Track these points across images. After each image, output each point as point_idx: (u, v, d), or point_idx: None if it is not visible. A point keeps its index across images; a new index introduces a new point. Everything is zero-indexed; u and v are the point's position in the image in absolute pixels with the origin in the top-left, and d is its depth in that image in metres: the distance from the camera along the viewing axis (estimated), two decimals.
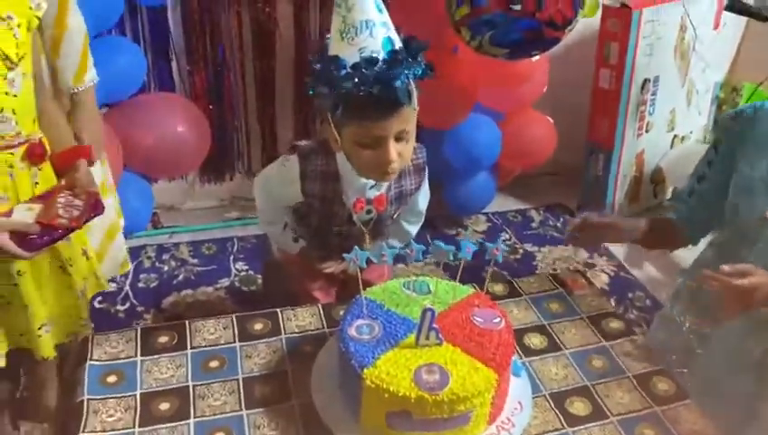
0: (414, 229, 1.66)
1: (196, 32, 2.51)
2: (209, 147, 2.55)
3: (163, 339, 1.35)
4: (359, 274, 1.25)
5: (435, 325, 1.16)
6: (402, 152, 1.28)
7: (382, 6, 1.21)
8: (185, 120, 2.43)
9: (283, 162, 1.47)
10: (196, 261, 2.62)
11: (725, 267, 1.21)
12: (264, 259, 2.14)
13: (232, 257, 2.64)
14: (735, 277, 1.19)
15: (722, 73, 3.17)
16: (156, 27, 2.47)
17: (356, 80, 1.16)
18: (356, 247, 1.22)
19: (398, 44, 1.20)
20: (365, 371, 1.10)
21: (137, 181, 2.48)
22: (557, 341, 1.40)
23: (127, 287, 2.45)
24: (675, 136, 3.07)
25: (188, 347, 1.33)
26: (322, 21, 2.65)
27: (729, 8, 2.51)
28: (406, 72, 1.17)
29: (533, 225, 3.00)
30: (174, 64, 2.56)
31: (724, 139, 1.44)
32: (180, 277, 2.52)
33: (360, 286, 1.28)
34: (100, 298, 2.33)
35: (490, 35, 1.95)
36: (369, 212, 1.46)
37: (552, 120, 2.76)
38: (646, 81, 2.75)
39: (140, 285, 2.47)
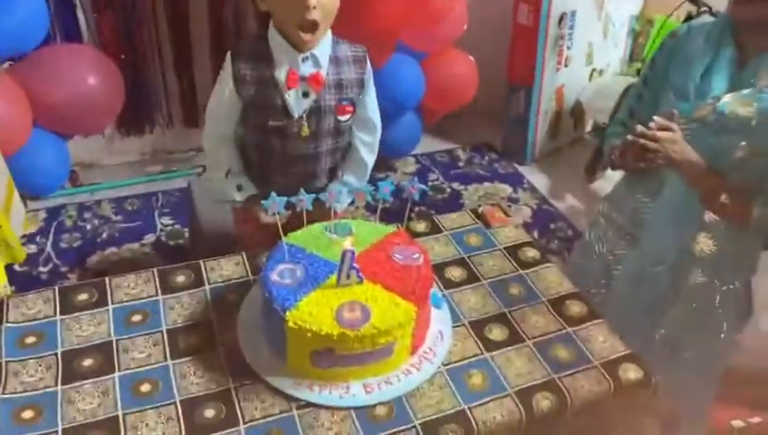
0: (371, 159, 1.60)
1: None
2: (124, 99, 2.46)
3: (83, 297, 1.33)
4: (277, 218, 1.25)
5: (355, 265, 1.18)
6: (324, 3, 1.30)
7: None
8: (96, 72, 2.33)
9: (219, 72, 1.43)
10: (119, 218, 2.55)
11: (651, 123, 1.34)
12: (190, 212, 2.11)
13: (157, 212, 2.59)
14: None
15: (637, 7, 3.24)
16: None
17: None
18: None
19: None
20: (287, 313, 1.12)
21: (49, 138, 2.38)
22: (476, 272, 1.44)
23: (48, 248, 2.37)
24: (593, 70, 3.14)
25: (109, 303, 1.32)
26: None
27: None
28: None
29: (460, 164, 3.05)
30: (80, 12, 2.42)
31: (660, 55, 1.52)
32: (104, 235, 2.46)
33: (281, 231, 1.28)
34: None
35: None
36: (306, 95, 1.40)
37: (473, 59, 2.77)
38: (563, 15, 2.78)
39: (63, 245, 2.40)
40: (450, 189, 2.85)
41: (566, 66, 2.96)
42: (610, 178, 2.34)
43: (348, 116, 1.48)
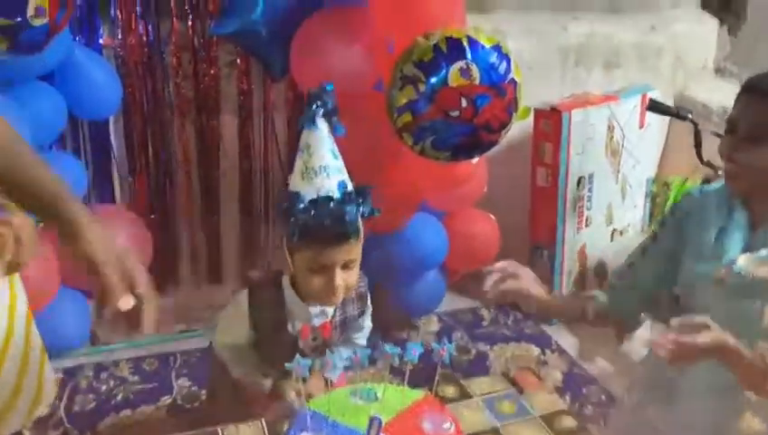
0: (362, 340, 1.69)
1: (138, 144, 2.52)
2: (150, 258, 2.50)
3: None
4: (301, 384, 1.21)
5: (382, 434, 1.11)
6: (347, 280, 1.45)
7: (338, 154, 1.44)
8: (125, 232, 2.39)
9: (235, 297, 1.57)
10: (136, 378, 2.48)
11: (675, 321, 1.22)
12: (210, 374, 2.06)
13: (174, 373, 2.53)
14: (685, 332, 1.20)
15: (652, 169, 3.33)
16: (97, 140, 2.47)
17: (312, 213, 1.36)
18: (297, 356, 1.19)
19: (350, 187, 1.43)
20: None
21: (73, 297, 2.39)
22: None
23: (60, 412, 2.29)
24: (614, 230, 3.16)
25: None
26: (266, 132, 2.71)
27: (651, 108, 2.68)
28: (355, 209, 1.39)
29: (485, 323, 2.99)
30: (115, 175, 2.55)
31: (671, 217, 1.52)
32: (119, 397, 2.38)
33: (303, 397, 1.23)
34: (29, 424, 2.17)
35: (431, 141, 2.01)
36: (315, 340, 1.53)
37: (494, 218, 2.82)
38: (581, 178, 2.86)
39: (76, 408, 2.32)
40: (475, 350, 2.77)
41: (587, 226, 2.99)
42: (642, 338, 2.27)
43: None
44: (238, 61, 2.57)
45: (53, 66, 2.08)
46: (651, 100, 2.67)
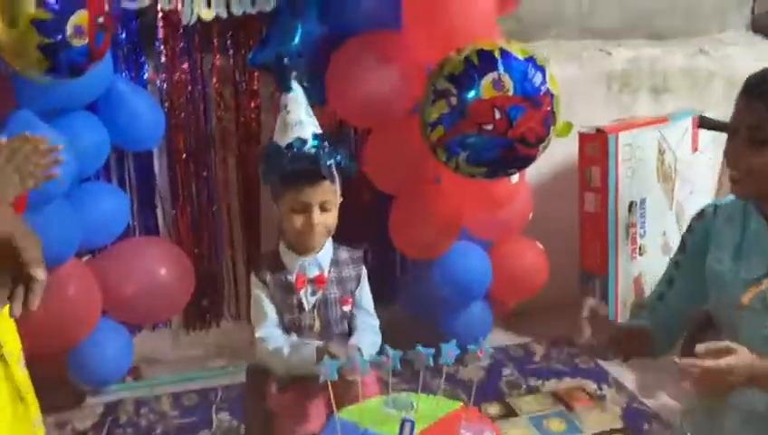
0: (374, 322, 1.74)
1: (181, 175, 2.54)
2: (192, 291, 2.49)
3: None
4: (330, 390, 1.15)
5: None
6: (325, 220, 1.62)
7: (311, 112, 1.71)
8: (168, 265, 2.39)
9: (251, 287, 1.71)
10: (176, 413, 2.44)
11: (700, 347, 1.16)
12: (246, 405, 2.00)
13: (214, 407, 2.48)
14: (710, 358, 1.15)
15: (709, 196, 3.17)
16: (142, 172, 2.51)
17: (289, 155, 1.60)
18: (325, 358, 1.14)
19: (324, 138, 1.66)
20: None
21: (115, 329, 2.39)
22: None
23: None
24: (670, 260, 3.00)
25: None
26: None
27: (702, 125, 2.57)
28: (328, 152, 1.60)
29: (536, 359, 2.84)
30: (159, 208, 2.57)
31: (692, 237, 1.48)
32: (158, 432, 2.34)
33: (333, 406, 1.16)
34: None
35: (466, 155, 1.96)
36: (313, 293, 1.66)
37: (541, 247, 2.71)
38: (632, 203, 2.74)
39: None
40: (526, 386, 2.62)
41: (641, 255, 2.84)
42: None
43: (350, 306, 1.72)
44: (278, 94, 2.59)
45: (97, 95, 2.13)
46: (702, 116, 2.56)
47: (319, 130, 1.68)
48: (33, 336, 1.74)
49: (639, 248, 2.83)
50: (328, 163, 1.60)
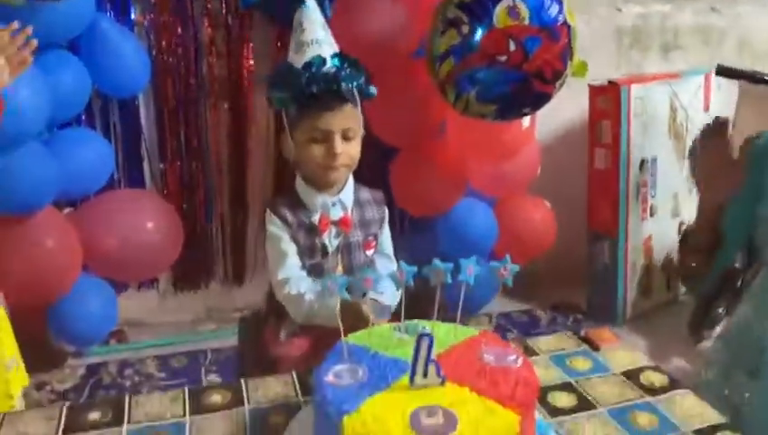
0: (394, 267, 1.49)
1: (169, 125, 2.40)
2: (181, 248, 2.35)
3: (94, 416, 1.08)
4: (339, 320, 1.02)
5: (434, 358, 0.90)
6: (348, 150, 1.42)
7: (328, 29, 1.46)
8: (154, 218, 2.25)
9: (267, 227, 1.49)
10: (162, 375, 2.31)
11: None
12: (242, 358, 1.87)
13: (203, 370, 2.35)
14: None
15: None
16: (127, 121, 2.37)
17: (307, 76, 1.37)
18: (330, 274, 1.01)
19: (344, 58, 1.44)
20: (345, 417, 0.83)
21: (98, 286, 2.25)
22: (588, 398, 1.12)
23: None
24: (681, 223, 2.89)
25: (125, 423, 1.06)
26: None
27: (720, 73, 2.45)
28: (350, 73, 1.39)
29: (541, 324, 2.74)
30: (145, 160, 2.42)
31: (751, 164, 1.52)
32: (144, 393, 2.20)
33: (342, 332, 1.03)
34: None
35: (476, 91, 1.83)
36: (337, 236, 1.48)
37: (548, 205, 2.59)
38: (644, 161, 2.63)
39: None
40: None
41: (651, 216, 2.73)
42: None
43: (373, 250, 1.57)
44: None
45: (77, 31, 1.98)
46: (720, 65, 2.44)
47: (338, 50, 1.44)
48: (8, 290, 1.62)
49: (650, 209, 2.72)
50: (350, 86, 1.39)
